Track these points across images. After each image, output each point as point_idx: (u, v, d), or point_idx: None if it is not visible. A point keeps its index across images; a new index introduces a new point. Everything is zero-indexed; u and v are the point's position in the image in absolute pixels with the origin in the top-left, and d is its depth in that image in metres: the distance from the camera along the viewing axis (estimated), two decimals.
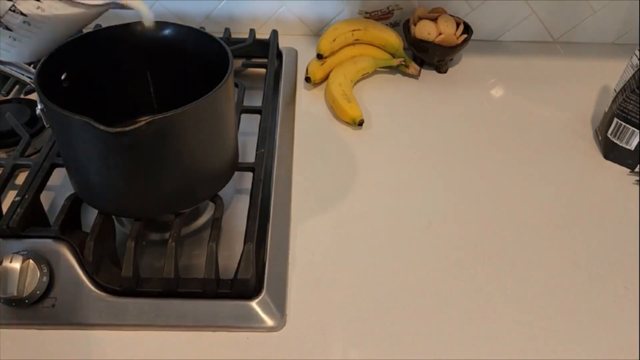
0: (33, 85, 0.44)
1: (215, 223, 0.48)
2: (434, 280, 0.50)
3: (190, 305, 0.45)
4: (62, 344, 0.44)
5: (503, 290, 0.50)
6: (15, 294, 0.42)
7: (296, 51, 0.80)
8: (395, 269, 0.51)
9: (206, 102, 0.43)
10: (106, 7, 0.43)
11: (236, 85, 0.66)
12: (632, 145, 0.62)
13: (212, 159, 0.49)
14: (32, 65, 0.52)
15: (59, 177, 0.56)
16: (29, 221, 0.48)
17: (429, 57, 0.77)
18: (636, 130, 0.61)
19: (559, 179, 0.62)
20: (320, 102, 0.71)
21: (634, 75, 0.60)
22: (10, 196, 0.50)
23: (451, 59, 0.79)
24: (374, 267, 0.51)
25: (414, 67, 0.76)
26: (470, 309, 0.48)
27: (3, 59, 0.44)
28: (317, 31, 0.84)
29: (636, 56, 0.61)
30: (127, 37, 0.50)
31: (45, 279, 0.44)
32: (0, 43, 0.42)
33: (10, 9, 0.40)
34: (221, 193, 0.51)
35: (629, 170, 0.63)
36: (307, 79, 0.73)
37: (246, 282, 0.46)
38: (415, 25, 0.76)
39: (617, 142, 0.63)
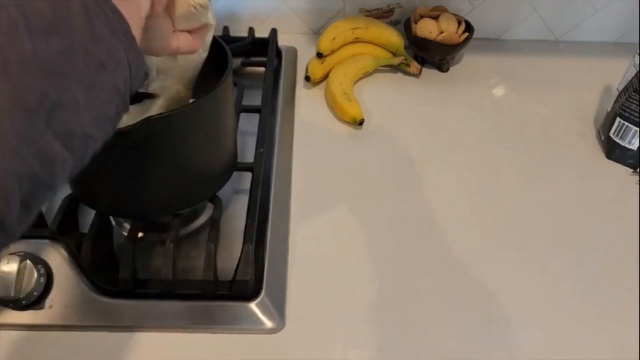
0: None
1: (214, 224, 0.48)
2: (434, 280, 0.50)
3: (188, 306, 0.45)
4: (60, 345, 0.43)
5: (504, 291, 0.49)
6: (12, 295, 0.42)
7: (296, 50, 0.79)
8: (396, 270, 0.50)
9: (205, 102, 0.43)
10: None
11: (235, 84, 0.66)
12: (635, 145, 0.62)
13: (211, 159, 0.48)
14: None
15: None
16: None
17: (430, 55, 0.76)
18: (638, 129, 0.61)
19: (561, 179, 0.61)
20: (320, 101, 0.71)
21: (636, 74, 0.60)
22: None
23: (452, 58, 0.78)
24: (374, 267, 0.50)
25: (415, 66, 0.75)
26: (472, 309, 0.47)
27: None
28: (317, 29, 0.83)
29: (638, 55, 0.60)
30: None
31: (42, 280, 0.44)
32: None
33: None
34: (220, 193, 0.51)
35: (632, 170, 0.63)
36: (307, 78, 0.73)
37: (245, 283, 0.45)
38: (416, 23, 0.75)
39: (620, 142, 0.63)
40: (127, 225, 0.52)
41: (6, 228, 0.21)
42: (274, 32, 0.76)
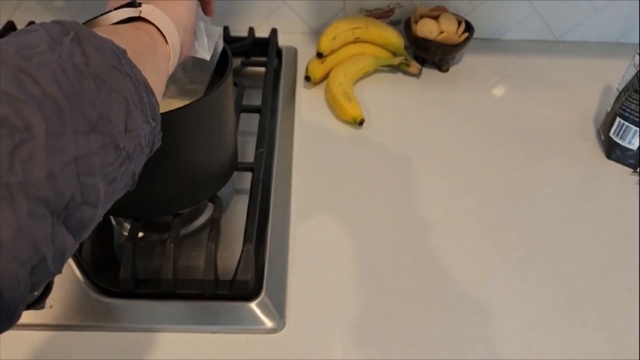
0: None
1: (214, 223, 0.48)
2: (434, 281, 0.50)
3: (188, 306, 0.45)
4: (60, 345, 0.43)
5: (504, 291, 0.49)
6: None
7: (296, 50, 0.79)
8: (396, 270, 0.50)
9: (205, 102, 0.43)
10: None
11: (235, 84, 0.66)
12: (635, 145, 0.62)
13: (211, 159, 0.48)
14: None
15: None
16: None
17: (430, 55, 0.76)
18: (638, 129, 0.61)
19: (561, 179, 0.61)
20: (321, 101, 0.71)
21: (636, 74, 0.60)
22: None
23: (452, 58, 0.78)
24: (374, 268, 0.50)
25: (415, 66, 0.75)
26: (471, 310, 0.47)
27: None
28: (317, 29, 0.83)
29: (638, 55, 0.60)
30: None
31: None
32: None
33: None
34: (220, 193, 0.51)
35: (632, 170, 0.63)
36: (307, 78, 0.72)
37: (245, 283, 0.45)
38: (416, 23, 0.75)
39: (620, 142, 0.63)
40: (127, 225, 0.52)
41: (10, 313, 0.21)
42: (274, 32, 0.76)
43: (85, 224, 0.24)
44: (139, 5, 0.35)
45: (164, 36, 0.35)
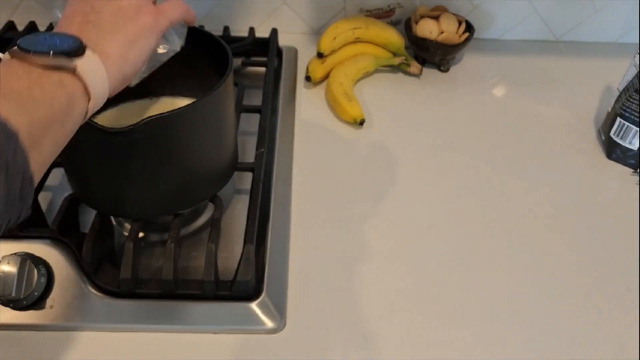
0: None
1: (215, 224, 0.47)
2: (434, 280, 0.50)
3: (189, 307, 0.45)
4: (61, 345, 0.43)
5: (504, 291, 0.49)
6: (12, 295, 0.42)
7: (296, 50, 0.79)
8: (396, 270, 0.50)
9: (205, 102, 0.43)
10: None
11: (235, 84, 0.66)
12: (635, 145, 0.62)
13: (211, 159, 0.48)
14: None
15: (57, 177, 0.55)
16: (26, 222, 0.47)
17: (431, 55, 0.76)
18: (639, 129, 0.61)
19: (561, 179, 0.62)
20: (321, 101, 0.71)
21: (636, 74, 0.60)
22: None
23: (453, 58, 0.78)
24: (374, 268, 0.50)
25: (415, 66, 0.75)
26: (471, 310, 0.47)
27: None
28: (318, 29, 0.83)
29: (639, 55, 0.60)
30: None
31: (43, 280, 0.44)
32: None
33: None
34: (220, 193, 0.51)
35: (632, 170, 0.63)
36: (308, 78, 0.73)
37: (246, 283, 0.45)
38: (416, 23, 0.75)
39: (620, 142, 0.63)
40: (127, 225, 0.52)
41: None
42: (274, 32, 0.76)
43: None
44: (84, 50, 0.32)
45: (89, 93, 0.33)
